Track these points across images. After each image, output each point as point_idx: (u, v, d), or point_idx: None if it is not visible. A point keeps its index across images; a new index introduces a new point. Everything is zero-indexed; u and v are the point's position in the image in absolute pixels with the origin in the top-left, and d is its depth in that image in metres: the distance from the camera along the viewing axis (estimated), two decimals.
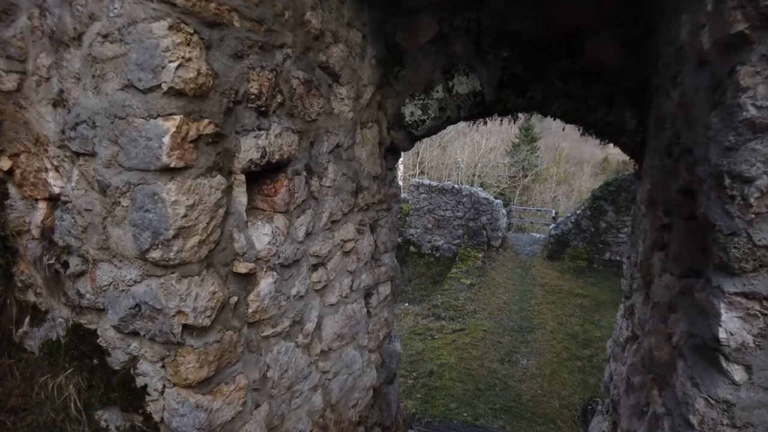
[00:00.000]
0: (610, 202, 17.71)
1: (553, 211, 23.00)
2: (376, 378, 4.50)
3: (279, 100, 2.72)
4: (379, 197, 4.13)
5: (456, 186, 19.71)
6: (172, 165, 2.15)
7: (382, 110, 4.01)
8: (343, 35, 3.33)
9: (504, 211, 20.37)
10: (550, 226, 20.14)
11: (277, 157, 2.75)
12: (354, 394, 4.07)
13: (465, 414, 8.96)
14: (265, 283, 2.80)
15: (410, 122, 4.00)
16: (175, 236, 2.21)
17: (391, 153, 4.25)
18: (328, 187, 3.35)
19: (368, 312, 4.25)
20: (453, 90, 3.82)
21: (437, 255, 20.21)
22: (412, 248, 20.80)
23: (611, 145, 4.01)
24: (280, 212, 2.85)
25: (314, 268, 3.33)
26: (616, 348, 4.18)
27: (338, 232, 3.59)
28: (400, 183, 23.18)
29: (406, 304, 17.56)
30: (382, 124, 4.03)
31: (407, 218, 20.77)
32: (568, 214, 19.60)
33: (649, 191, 3.14)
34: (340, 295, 3.73)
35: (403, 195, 22.28)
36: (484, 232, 19.08)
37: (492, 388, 10.09)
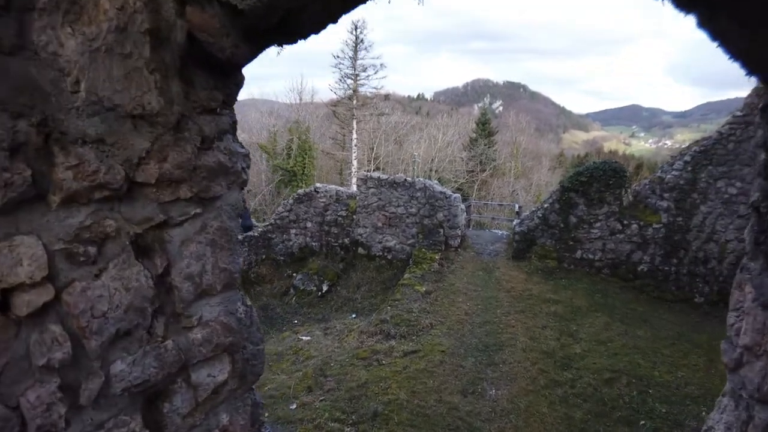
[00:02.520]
0: (581, 194, 15.77)
1: (517, 206, 21.03)
2: None
3: None
4: (165, 169, 1.71)
5: (409, 179, 17.42)
6: None
7: None
8: None
9: (463, 206, 18.22)
10: (514, 222, 18.11)
11: None
12: None
13: None
14: None
15: None
16: None
17: (200, 65, 1.81)
18: None
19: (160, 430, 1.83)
20: None
21: (389, 257, 17.87)
22: (360, 250, 18.41)
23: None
24: None
25: None
26: None
27: None
28: (353, 179, 20.84)
29: (353, 316, 15.21)
30: None
31: (354, 216, 18.35)
32: (534, 208, 17.59)
33: None
34: None
35: (352, 190, 19.90)
36: (441, 231, 16.84)
37: None
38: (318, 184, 19.25)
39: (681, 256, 14.98)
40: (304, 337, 12.72)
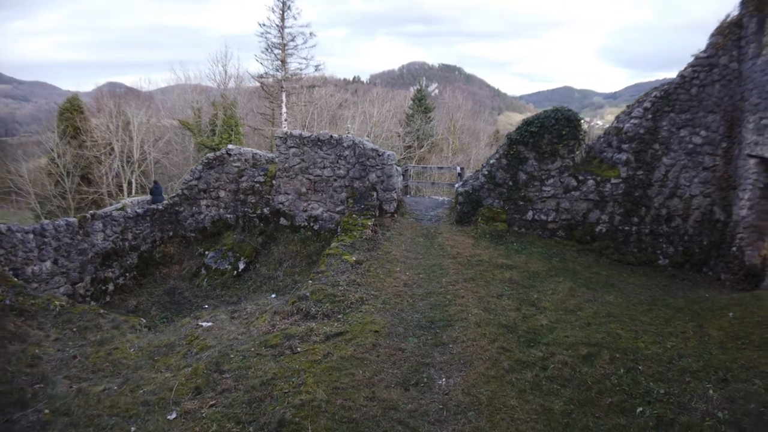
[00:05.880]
0: (531, 147, 13.85)
1: (459, 167, 18.99)
2: None
3: None
4: None
5: (335, 136, 14.94)
6: None
7: None
8: None
9: (399, 168, 15.97)
10: (457, 185, 16.04)
11: None
12: None
13: None
14: None
15: None
16: None
17: None
18: None
19: None
20: None
21: (316, 227, 15.39)
22: (283, 221, 15.82)
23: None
24: None
25: None
26: None
27: None
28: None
29: (272, 296, 12.73)
30: None
31: (274, 182, 15.72)
32: (480, 167, 15.56)
33: None
34: None
35: (271, 154, 17.24)
36: (375, 194, 14.52)
37: None
38: (230, 146, 16.45)
39: (642, 214, 13.37)
40: (204, 323, 10.12)
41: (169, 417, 6.38)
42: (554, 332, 7.95)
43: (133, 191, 40.81)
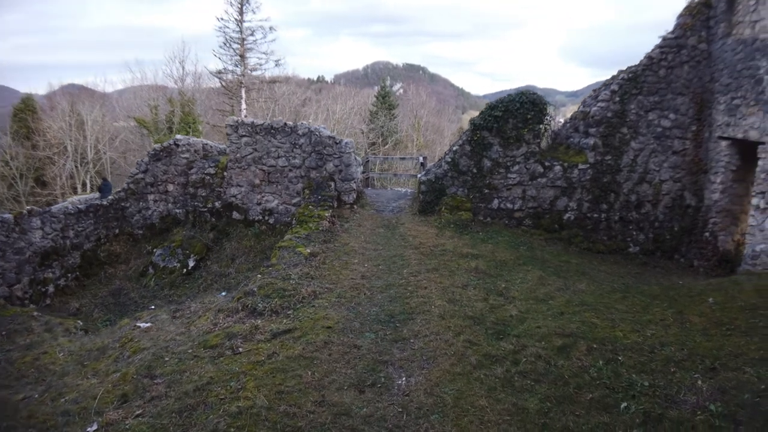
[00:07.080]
0: (496, 133, 13.21)
1: (421, 157, 18.25)
2: None
3: None
4: None
5: (290, 123, 14.00)
6: None
7: None
8: None
9: (358, 157, 15.14)
10: (419, 176, 15.29)
11: None
12: None
13: None
14: None
15: None
16: None
17: None
18: None
19: None
20: None
21: (271, 221, 14.41)
22: (235, 215, 14.78)
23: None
24: None
25: None
26: None
27: None
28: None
29: (223, 294, 11.72)
30: None
31: (225, 173, 14.67)
32: (443, 155, 14.85)
33: None
34: None
35: (221, 145, 16.18)
36: (332, 184, 13.64)
37: None
38: (179, 136, 15.34)
39: (611, 201, 12.88)
40: (142, 324, 9.12)
41: (89, 429, 5.56)
42: (525, 323, 7.24)
43: (88, 192, 39.07)
